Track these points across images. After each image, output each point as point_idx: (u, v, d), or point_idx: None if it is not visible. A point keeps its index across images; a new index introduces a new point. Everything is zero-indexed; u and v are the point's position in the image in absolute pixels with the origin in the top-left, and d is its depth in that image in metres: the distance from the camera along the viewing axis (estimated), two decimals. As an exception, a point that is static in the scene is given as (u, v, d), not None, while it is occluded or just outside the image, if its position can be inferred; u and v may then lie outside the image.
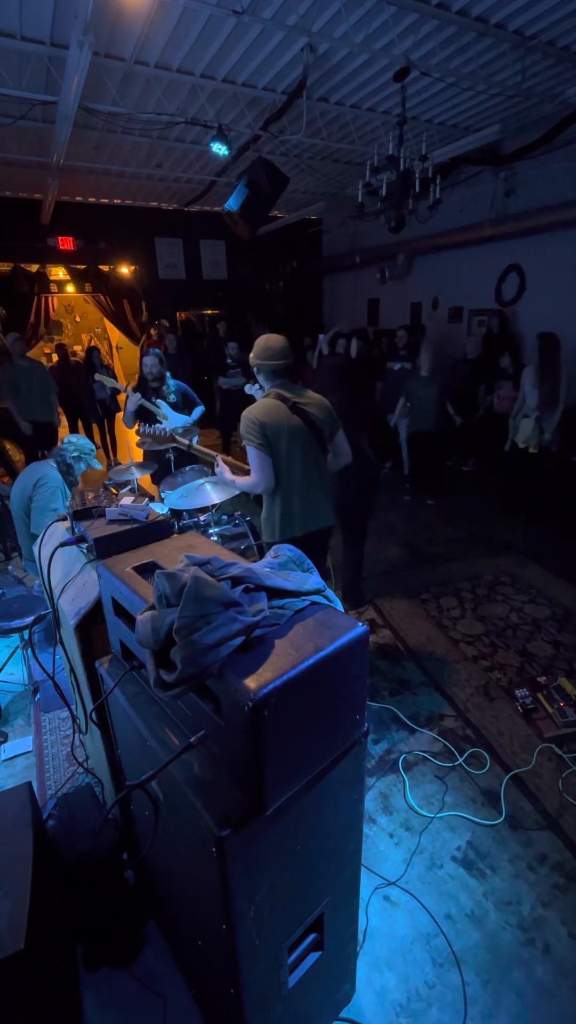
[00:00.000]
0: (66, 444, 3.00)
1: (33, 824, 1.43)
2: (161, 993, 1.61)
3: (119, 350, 12.34)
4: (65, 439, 3.05)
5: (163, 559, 1.43)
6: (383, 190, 4.23)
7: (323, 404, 2.46)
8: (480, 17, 3.61)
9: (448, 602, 3.71)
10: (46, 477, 2.89)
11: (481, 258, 6.75)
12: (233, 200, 4.86)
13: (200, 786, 1.04)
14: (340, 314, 10.17)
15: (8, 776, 2.43)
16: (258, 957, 1.14)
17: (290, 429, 2.34)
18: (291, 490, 2.41)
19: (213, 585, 1.01)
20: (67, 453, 2.96)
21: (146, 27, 3.53)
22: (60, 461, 2.95)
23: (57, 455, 2.97)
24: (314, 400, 2.44)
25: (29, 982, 1.16)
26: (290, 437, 2.34)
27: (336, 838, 1.26)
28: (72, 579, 1.79)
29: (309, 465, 2.42)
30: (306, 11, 3.43)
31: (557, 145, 5.09)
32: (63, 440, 3.05)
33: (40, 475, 2.90)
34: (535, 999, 1.61)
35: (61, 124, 4.47)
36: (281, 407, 2.35)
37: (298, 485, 2.42)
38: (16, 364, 5.72)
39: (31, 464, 3.05)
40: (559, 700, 2.61)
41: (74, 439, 3.04)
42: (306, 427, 2.38)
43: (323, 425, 2.42)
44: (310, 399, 2.44)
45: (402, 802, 2.24)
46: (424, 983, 1.65)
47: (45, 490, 2.86)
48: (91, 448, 3.06)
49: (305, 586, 1.17)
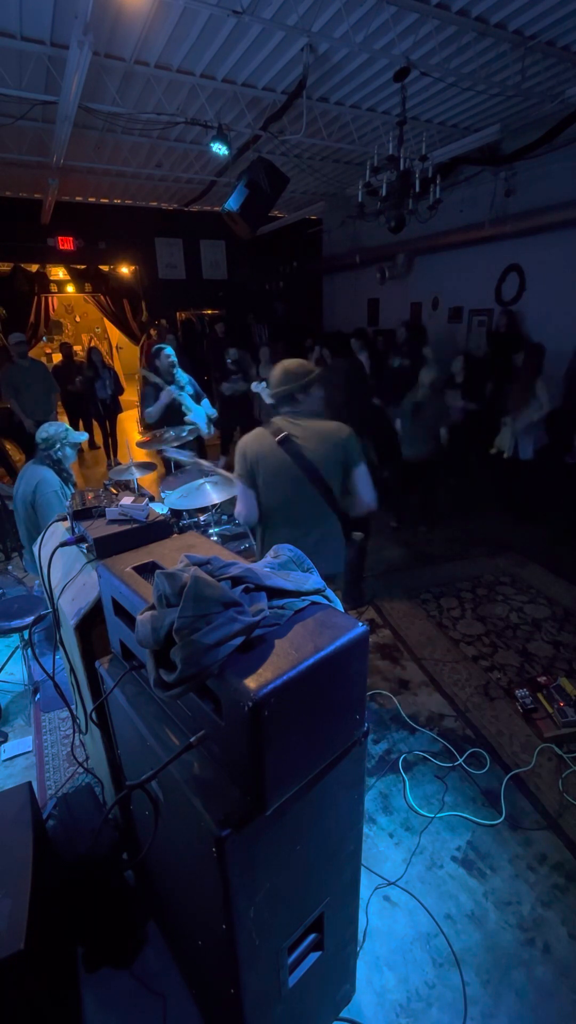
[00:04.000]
0: (42, 443, 2.89)
1: (33, 824, 1.43)
2: (161, 993, 1.61)
3: (119, 350, 12.35)
4: (38, 438, 2.91)
5: (163, 559, 1.43)
6: (383, 190, 4.23)
7: (327, 436, 2.11)
8: (480, 17, 3.60)
9: (448, 602, 3.71)
10: (43, 481, 2.86)
11: (481, 258, 6.74)
12: (233, 200, 4.86)
13: (200, 786, 1.04)
14: (340, 314, 10.17)
15: (8, 776, 2.43)
16: (258, 957, 1.14)
17: (271, 462, 2.10)
18: (273, 527, 2.21)
19: (213, 585, 1.01)
20: (52, 451, 2.89)
21: (146, 27, 3.53)
22: (48, 461, 2.91)
23: (43, 457, 2.90)
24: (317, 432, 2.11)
25: (29, 982, 1.16)
26: (270, 471, 2.11)
27: (336, 838, 1.26)
28: (72, 579, 1.79)
29: (295, 503, 2.13)
30: (306, 11, 3.43)
31: (557, 145, 5.09)
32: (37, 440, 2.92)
33: (38, 478, 2.87)
34: (535, 999, 1.61)
35: (61, 124, 4.47)
36: (266, 437, 2.12)
37: (280, 522, 2.19)
38: (17, 364, 5.73)
39: (26, 466, 3.01)
40: (559, 700, 2.61)
41: (45, 434, 2.90)
42: (292, 461, 2.08)
43: (317, 460, 2.08)
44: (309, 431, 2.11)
45: (402, 802, 2.24)
46: (424, 983, 1.65)
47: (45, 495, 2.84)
48: (64, 428, 2.94)
49: (305, 586, 1.17)
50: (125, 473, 3.50)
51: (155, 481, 5.27)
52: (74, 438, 2.96)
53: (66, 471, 2.97)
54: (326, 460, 2.10)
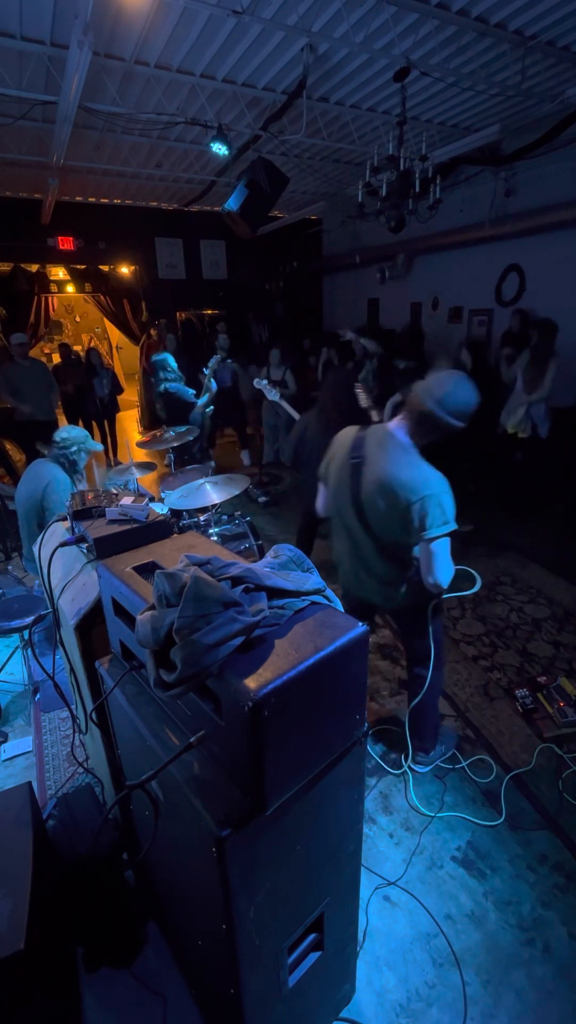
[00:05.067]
0: (61, 441, 2.91)
1: (33, 824, 1.43)
2: (161, 993, 1.61)
3: (119, 350, 12.35)
4: (58, 436, 2.94)
5: (163, 559, 1.43)
6: (383, 190, 4.23)
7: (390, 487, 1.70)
8: (480, 17, 3.60)
9: (448, 602, 3.71)
10: (55, 480, 2.86)
11: (481, 258, 6.74)
12: (233, 200, 4.85)
13: (200, 786, 1.04)
14: (340, 314, 10.17)
15: (8, 776, 2.43)
16: (258, 957, 1.14)
17: (336, 469, 1.88)
18: (335, 532, 1.99)
19: (213, 585, 1.01)
20: (68, 451, 2.91)
21: (146, 27, 3.53)
22: (63, 461, 2.92)
23: (58, 455, 2.92)
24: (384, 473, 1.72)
25: (29, 982, 1.16)
26: (335, 476, 1.90)
27: (336, 838, 1.25)
28: (72, 579, 1.79)
29: (355, 535, 1.88)
30: (306, 11, 3.43)
31: (557, 145, 5.09)
32: (56, 438, 2.95)
33: (49, 478, 2.86)
34: (535, 999, 1.61)
35: (61, 124, 4.47)
36: (347, 442, 1.86)
37: (336, 533, 1.97)
38: (17, 364, 5.73)
39: (34, 464, 3.01)
40: (559, 700, 2.61)
41: (65, 433, 2.93)
42: (349, 483, 1.81)
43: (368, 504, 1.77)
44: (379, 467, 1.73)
45: (402, 802, 2.24)
46: (424, 983, 1.65)
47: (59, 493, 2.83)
48: (85, 435, 2.99)
49: (305, 586, 1.17)
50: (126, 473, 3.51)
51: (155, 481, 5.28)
52: (91, 446, 3.01)
53: (79, 473, 2.98)
54: (376, 511, 1.76)
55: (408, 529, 1.72)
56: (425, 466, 1.71)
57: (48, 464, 2.93)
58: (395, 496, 1.69)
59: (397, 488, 1.69)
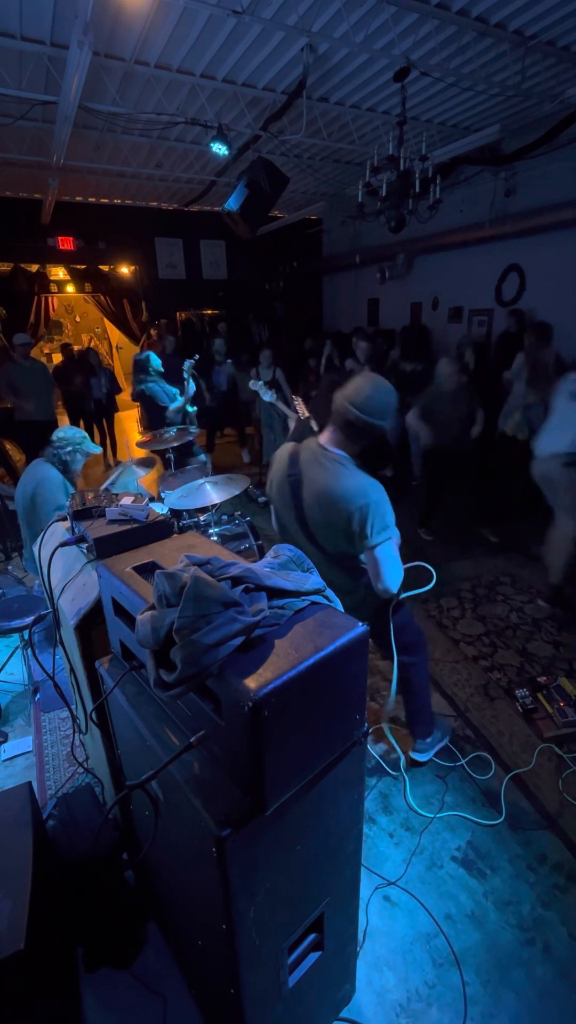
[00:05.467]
0: (57, 441, 2.92)
1: (33, 824, 1.43)
2: (161, 993, 1.61)
3: (119, 350, 12.35)
4: (54, 436, 2.94)
5: (163, 559, 1.43)
6: (383, 190, 4.23)
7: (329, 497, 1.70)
8: (480, 17, 3.61)
9: (448, 602, 3.71)
10: (46, 479, 2.87)
11: (481, 258, 6.74)
12: (233, 200, 4.86)
13: (200, 786, 1.04)
14: (340, 314, 10.17)
15: (8, 776, 2.43)
16: (258, 957, 1.14)
17: (276, 486, 1.87)
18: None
19: (213, 585, 1.01)
20: (61, 451, 2.92)
21: (146, 27, 3.53)
22: (56, 460, 2.93)
23: (51, 455, 2.92)
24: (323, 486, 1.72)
25: (29, 982, 1.16)
26: (276, 496, 1.90)
27: (336, 838, 1.25)
28: (72, 579, 1.79)
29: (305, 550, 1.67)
30: (306, 11, 3.43)
31: (557, 145, 5.09)
32: (52, 437, 2.95)
33: (40, 476, 2.88)
34: (535, 999, 1.60)
35: (61, 124, 4.47)
36: (284, 460, 1.85)
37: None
38: (18, 363, 5.73)
39: (30, 464, 3.03)
40: (559, 700, 2.61)
41: (62, 433, 2.94)
42: (291, 500, 1.80)
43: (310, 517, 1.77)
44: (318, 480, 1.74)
45: (402, 802, 2.24)
46: (424, 983, 1.65)
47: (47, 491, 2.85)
48: (82, 436, 2.98)
49: (305, 586, 1.17)
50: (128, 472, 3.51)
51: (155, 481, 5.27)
52: (88, 448, 2.99)
53: (72, 474, 2.98)
54: (319, 525, 1.77)
55: (352, 539, 1.73)
56: (360, 475, 1.73)
57: (42, 464, 2.94)
58: (335, 508, 1.70)
59: (335, 500, 1.70)
